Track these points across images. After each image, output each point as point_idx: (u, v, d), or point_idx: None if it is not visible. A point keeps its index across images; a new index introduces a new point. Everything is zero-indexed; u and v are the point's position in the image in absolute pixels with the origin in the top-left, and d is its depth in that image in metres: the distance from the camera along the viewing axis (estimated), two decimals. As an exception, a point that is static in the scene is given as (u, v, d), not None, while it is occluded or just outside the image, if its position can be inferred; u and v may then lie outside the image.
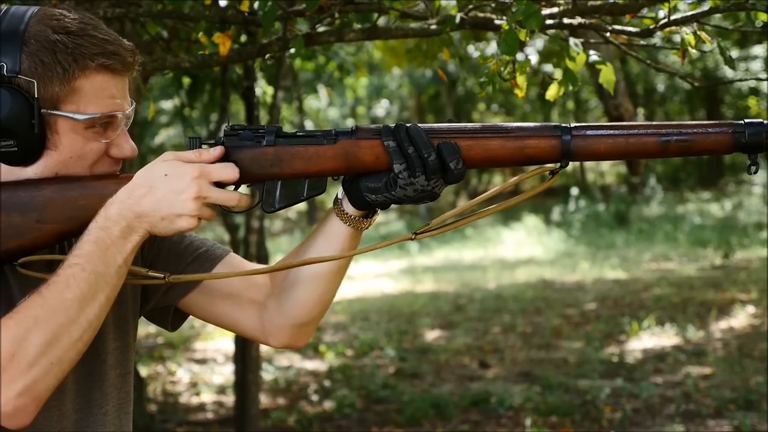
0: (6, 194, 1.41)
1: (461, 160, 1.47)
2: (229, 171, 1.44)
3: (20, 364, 1.30)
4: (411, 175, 1.46)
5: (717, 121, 1.50)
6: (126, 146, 1.48)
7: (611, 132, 1.49)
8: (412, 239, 1.53)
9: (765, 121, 1.48)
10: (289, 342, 1.65)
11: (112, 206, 1.40)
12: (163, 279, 1.52)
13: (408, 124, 1.49)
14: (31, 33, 1.40)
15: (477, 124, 1.51)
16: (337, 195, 1.57)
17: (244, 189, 1.55)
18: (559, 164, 1.51)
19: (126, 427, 1.57)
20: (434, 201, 1.51)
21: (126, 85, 1.48)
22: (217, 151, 1.45)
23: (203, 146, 1.47)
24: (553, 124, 1.50)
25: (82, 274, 1.35)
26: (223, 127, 1.53)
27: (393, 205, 1.52)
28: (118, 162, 1.50)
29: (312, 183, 1.51)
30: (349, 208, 1.54)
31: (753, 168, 1.51)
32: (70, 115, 1.42)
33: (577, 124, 1.49)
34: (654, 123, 1.51)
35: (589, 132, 1.49)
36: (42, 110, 1.41)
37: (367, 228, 1.57)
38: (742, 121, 1.49)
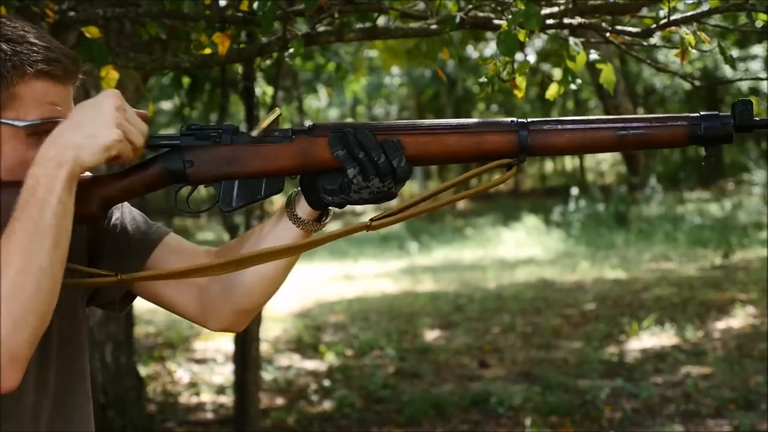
0: None
1: (404, 157, 1.47)
2: (137, 120, 1.44)
3: None
4: (365, 179, 1.47)
5: (673, 114, 1.52)
6: None
7: (568, 127, 1.50)
8: (367, 228, 1.52)
9: (721, 113, 1.50)
10: (228, 326, 1.65)
11: (40, 151, 1.39)
12: (115, 276, 1.51)
13: (355, 127, 1.49)
14: None
15: (434, 121, 1.52)
16: (290, 195, 1.57)
17: (202, 189, 1.55)
18: (517, 160, 1.51)
19: (83, 407, 1.57)
20: (392, 200, 1.51)
21: (69, 92, 1.48)
22: (144, 114, 1.46)
23: (154, 139, 1.47)
24: (510, 119, 1.50)
25: (18, 224, 1.34)
26: (181, 127, 1.53)
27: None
28: None
29: (270, 182, 1.52)
30: (302, 210, 1.54)
31: (710, 159, 1.53)
32: (10, 122, 1.42)
33: (534, 119, 1.50)
34: (611, 117, 1.52)
35: (545, 127, 1.50)
36: None
37: (316, 231, 1.56)
38: (698, 114, 1.50)
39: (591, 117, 1.52)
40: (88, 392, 1.59)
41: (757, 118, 1.49)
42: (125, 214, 1.63)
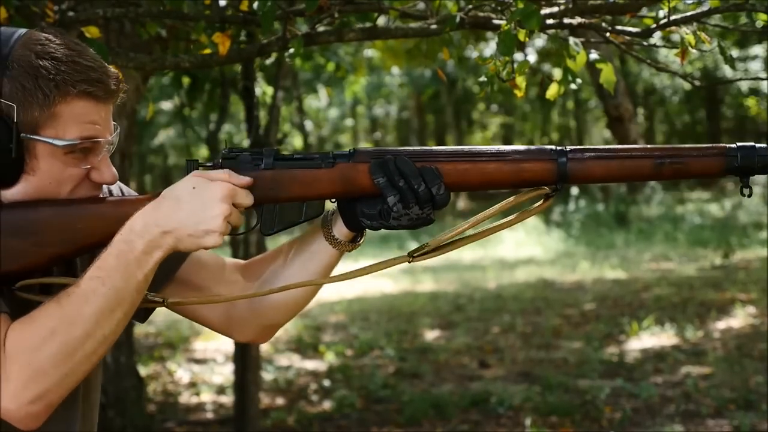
0: (4, 217, 1.41)
1: (443, 185, 1.48)
2: (249, 198, 1.46)
3: (35, 373, 1.31)
4: (405, 207, 1.48)
5: (710, 145, 1.52)
6: (107, 172, 1.48)
7: (606, 155, 1.51)
8: (409, 262, 1.56)
9: (757, 145, 1.50)
10: (253, 339, 1.69)
11: (138, 220, 1.40)
12: (162, 303, 1.53)
13: (395, 154, 1.49)
14: (14, 57, 1.39)
15: (474, 147, 1.52)
16: (326, 214, 1.57)
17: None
18: (554, 187, 1.52)
19: (94, 414, 1.57)
20: (429, 224, 1.52)
21: (109, 111, 1.48)
22: (247, 180, 1.46)
23: (200, 168, 1.48)
24: (550, 147, 1.51)
25: (101, 288, 1.36)
26: (222, 150, 1.53)
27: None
28: (99, 187, 1.50)
29: (310, 206, 1.53)
30: (338, 231, 1.56)
31: (746, 191, 1.53)
32: (49, 140, 1.41)
33: (573, 147, 1.51)
34: (648, 147, 1.53)
35: (584, 155, 1.50)
36: (21, 134, 1.40)
37: (350, 251, 1.59)
38: (735, 145, 1.50)
39: (630, 147, 1.53)
40: (98, 401, 1.60)
41: None
42: None
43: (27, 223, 1.41)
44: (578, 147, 1.51)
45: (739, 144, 1.50)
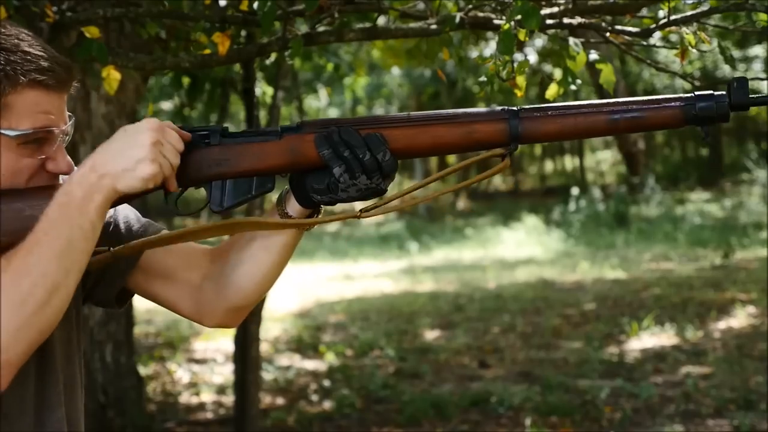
0: None
1: (388, 151, 1.47)
2: (179, 141, 1.46)
3: None
4: (351, 177, 1.47)
5: (666, 96, 1.49)
6: (62, 161, 1.48)
7: (560, 112, 1.48)
8: (357, 217, 1.52)
9: (715, 93, 1.47)
10: (222, 323, 1.68)
11: (77, 171, 1.41)
12: (108, 250, 1.53)
13: (342, 124, 1.49)
14: None
15: (424, 112, 1.50)
16: (280, 194, 1.57)
17: (192, 191, 1.56)
18: (508, 148, 1.50)
19: (78, 409, 1.57)
20: (382, 195, 1.51)
21: (63, 101, 1.47)
22: (186, 136, 1.47)
23: None
24: (501, 107, 1.49)
25: (44, 238, 1.36)
26: None
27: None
28: (56, 177, 1.50)
29: (260, 180, 1.52)
30: (292, 209, 1.55)
31: (707, 138, 1.50)
32: (2, 131, 1.41)
33: (525, 107, 1.49)
34: (604, 101, 1.50)
35: (536, 114, 1.48)
36: None
37: (307, 229, 1.58)
38: (692, 94, 1.48)
39: (583, 102, 1.50)
40: (82, 395, 1.59)
41: (753, 95, 1.47)
42: (118, 212, 1.64)
43: None
44: (531, 106, 1.49)
45: (696, 93, 1.48)
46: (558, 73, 2.63)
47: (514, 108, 1.49)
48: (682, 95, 1.49)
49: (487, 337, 7.89)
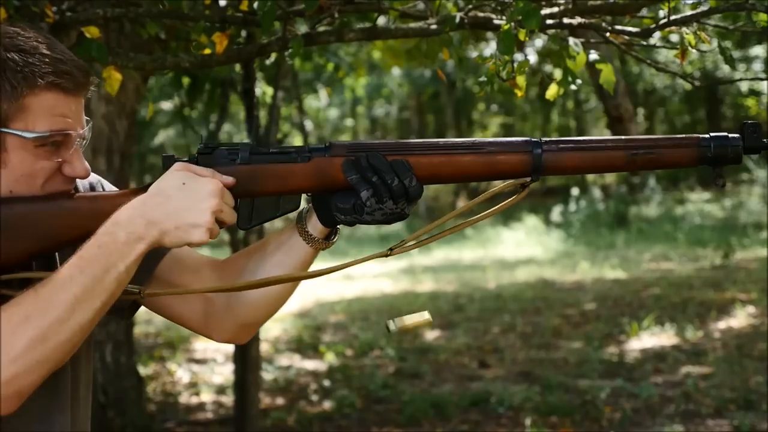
0: None
1: (414, 177, 1.48)
2: (232, 199, 1.46)
3: (6, 356, 1.31)
4: (378, 201, 1.47)
5: (683, 135, 1.53)
6: (79, 165, 1.47)
7: (580, 146, 1.51)
8: (387, 255, 1.55)
9: (730, 135, 1.51)
10: (231, 338, 1.67)
11: (123, 212, 1.39)
12: (139, 294, 1.52)
13: (371, 148, 1.49)
14: None
15: (449, 140, 1.52)
16: (301, 211, 1.57)
17: None
18: (529, 178, 1.53)
19: (86, 414, 1.59)
20: (404, 219, 1.52)
21: (80, 104, 1.47)
22: (231, 180, 1.47)
23: (180, 162, 1.47)
24: (524, 139, 1.52)
25: (79, 276, 1.35)
26: (197, 145, 1.53)
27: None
28: (72, 181, 1.49)
29: (286, 200, 1.52)
30: (313, 228, 1.55)
31: (720, 181, 1.53)
32: (19, 132, 1.40)
33: (548, 139, 1.51)
34: (622, 138, 1.54)
35: (558, 147, 1.51)
36: None
37: (325, 248, 1.58)
38: (708, 135, 1.51)
39: (603, 138, 1.54)
40: (89, 399, 1.60)
41: (766, 140, 1.51)
42: None
43: (2, 218, 1.41)
44: (553, 139, 1.51)
45: (712, 134, 1.51)
46: (558, 73, 2.63)
47: (538, 140, 1.51)
48: (698, 135, 1.52)
49: (487, 337, 7.89)
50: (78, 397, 1.55)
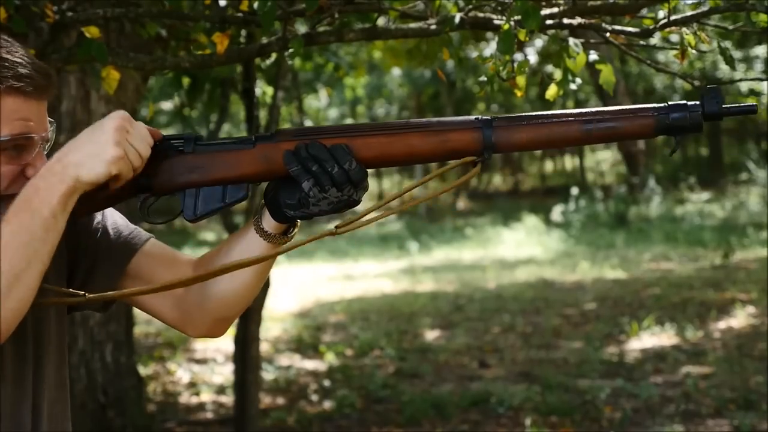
0: None
1: (353, 161, 1.46)
2: (145, 137, 1.45)
3: None
4: (321, 191, 1.46)
5: (640, 105, 1.49)
6: (42, 168, 1.47)
7: (533, 122, 1.48)
8: (334, 234, 1.51)
9: (689, 103, 1.47)
10: (206, 333, 1.67)
11: (43, 166, 1.41)
12: (83, 297, 1.52)
13: (317, 132, 1.48)
14: None
15: (398, 121, 1.51)
16: (256, 208, 1.57)
17: (165, 200, 1.55)
18: (482, 157, 1.50)
19: (64, 413, 1.57)
20: (355, 206, 1.50)
21: (43, 107, 1.47)
22: (157, 135, 1.47)
23: None
24: (474, 117, 1.49)
25: (6, 228, 1.35)
26: None
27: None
28: None
29: (233, 189, 1.51)
30: (267, 224, 1.55)
31: (676, 149, 1.51)
32: None
33: (499, 116, 1.49)
34: (578, 111, 1.50)
35: (509, 123, 1.48)
36: None
37: (284, 244, 1.57)
38: (665, 104, 1.48)
39: (557, 112, 1.50)
40: (67, 398, 1.59)
41: (726, 106, 1.46)
42: (107, 217, 1.64)
43: None
44: (504, 116, 1.49)
45: (670, 103, 1.48)
46: (558, 74, 2.63)
47: (488, 117, 1.49)
48: (655, 105, 1.49)
49: (487, 337, 7.89)
50: (46, 395, 1.53)
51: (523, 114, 1.51)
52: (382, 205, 1.54)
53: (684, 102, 1.47)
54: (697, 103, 1.47)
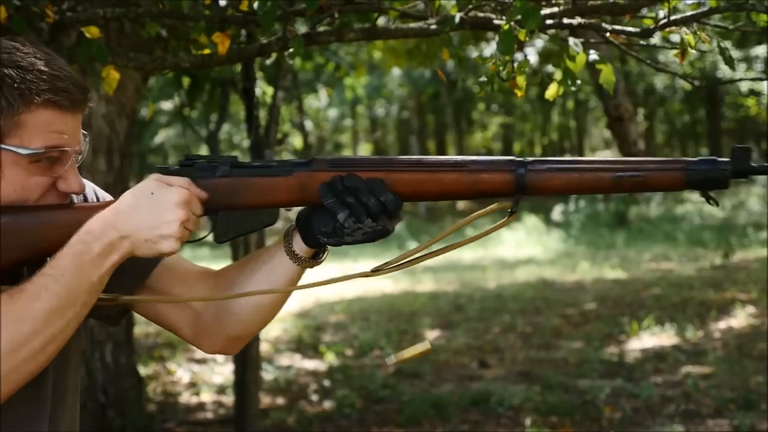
0: None
1: (389, 193, 1.47)
2: (201, 206, 1.47)
3: None
4: (357, 221, 1.47)
5: (671, 159, 1.51)
6: (74, 181, 1.47)
7: (566, 167, 1.50)
8: (368, 276, 1.54)
9: (718, 159, 1.48)
10: (221, 350, 1.67)
11: (96, 222, 1.40)
12: (114, 300, 1.52)
13: (354, 163, 1.49)
14: None
15: (433, 157, 1.51)
16: (287, 229, 1.57)
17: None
18: (514, 199, 1.52)
19: (73, 419, 1.57)
20: (388, 236, 1.50)
21: (78, 121, 1.47)
22: (204, 196, 1.47)
23: (160, 173, 1.47)
24: (508, 158, 1.50)
25: (54, 286, 1.36)
26: (180, 159, 1.52)
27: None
28: (66, 196, 1.50)
29: (266, 214, 1.52)
30: (298, 247, 1.55)
31: (712, 202, 1.51)
32: (13, 149, 1.40)
33: (533, 159, 1.50)
34: (610, 159, 1.52)
35: (543, 167, 1.49)
36: None
37: (312, 267, 1.58)
38: (696, 159, 1.49)
39: (590, 158, 1.52)
40: (77, 404, 1.59)
41: (754, 164, 1.48)
42: None
43: None
44: (538, 158, 1.50)
45: (700, 158, 1.49)
46: (558, 74, 2.63)
47: (522, 159, 1.50)
48: (686, 159, 1.50)
49: (487, 337, 7.89)
50: (65, 403, 1.54)
51: (557, 158, 1.52)
52: (416, 251, 1.55)
53: (713, 158, 1.49)
54: (727, 160, 1.48)
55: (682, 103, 25.00)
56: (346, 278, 1.56)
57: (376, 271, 1.54)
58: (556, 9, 2.60)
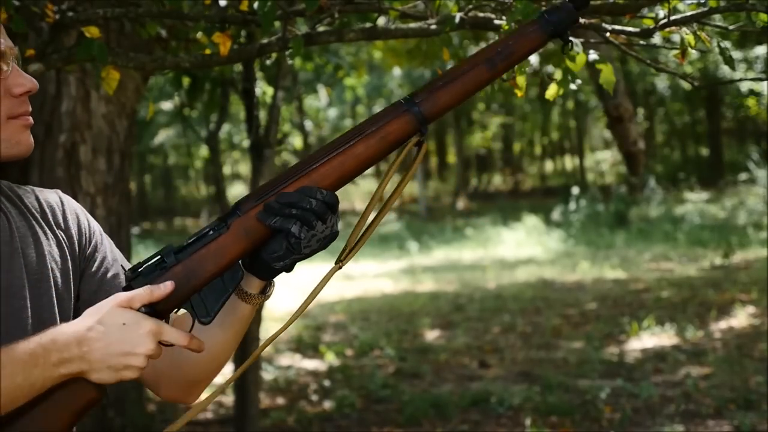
0: None
1: (323, 190, 1.49)
2: (179, 336, 1.46)
3: None
4: (309, 228, 1.48)
5: (523, 24, 1.59)
6: (25, 80, 1.47)
7: (446, 80, 1.54)
8: (339, 268, 1.55)
9: (558, 3, 1.55)
10: (178, 397, 1.66)
11: (64, 333, 1.39)
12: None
13: (273, 187, 1.50)
14: None
15: (334, 140, 1.54)
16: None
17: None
18: (420, 133, 1.53)
19: None
20: (336, 237, 1.51)
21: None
22: (169, 287, 1.46)
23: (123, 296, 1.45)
24: (395, 103, 1.54)
25: (2, 371, 1.35)
26: (126, 273, 1.54)
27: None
28: (26, 101, 1.48)
29: (230, 274, 1.52)
30: (248, 285, 1.56)
31: (569, 46, 1.59)
32: None
33: (416, 91, 1.54)
34: (476, 53, 1.57)
35: (428, 92, 1.53)
36: None
37: (264, 301, 1.58)
38: (542, 14, 1.55)
39: (460, 63, 1.56)
40: None
41: None
42: (106, 250, 1.63)
43: None
44: (418, 90, 1.54)
45: (545, 10, 1.55)
46: (558, 74, 2.63)
47: (407, 97, 1.53)
48: (533, 20, 1.56)
49: (487, 337, 7.89)
50: None
51: (434, 78, 1.57)
52: (362, 223, 1.56)
53: (557, 5, 1.56)
54: (567, 0, 1.55)
55: (682, 103, 25.02)
56: (324, 283, 1.55)
57: (340, 262, 1.55)
58: (556, 9, 2.59)
